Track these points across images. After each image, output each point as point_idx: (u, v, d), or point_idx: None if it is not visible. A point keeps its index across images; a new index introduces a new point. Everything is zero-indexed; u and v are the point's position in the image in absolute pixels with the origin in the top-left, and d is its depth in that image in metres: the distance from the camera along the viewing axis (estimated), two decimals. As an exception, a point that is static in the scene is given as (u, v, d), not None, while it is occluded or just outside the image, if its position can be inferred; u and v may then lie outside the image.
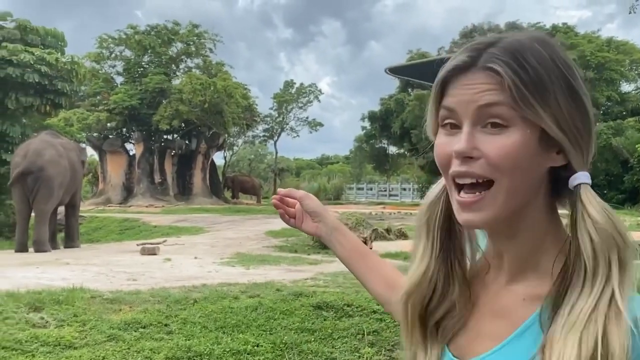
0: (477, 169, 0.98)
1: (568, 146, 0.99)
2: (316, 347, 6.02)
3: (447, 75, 1.03)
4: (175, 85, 40.37)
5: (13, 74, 20.22)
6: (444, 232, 1.12)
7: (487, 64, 0.98)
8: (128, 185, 41.82)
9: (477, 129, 0.98)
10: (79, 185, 17.51)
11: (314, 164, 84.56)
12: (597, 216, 0.95)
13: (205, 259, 12.66)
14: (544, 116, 0.97)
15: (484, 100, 0.97)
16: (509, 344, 1.03)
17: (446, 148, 1.02)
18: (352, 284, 8.83)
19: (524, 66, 0.97)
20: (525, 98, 0.96)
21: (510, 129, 0.97)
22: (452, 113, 1.01)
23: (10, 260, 12.69)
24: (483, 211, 0.99)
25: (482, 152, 0.97)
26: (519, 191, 0.99)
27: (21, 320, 6.24)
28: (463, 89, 1.00)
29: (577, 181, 1.00)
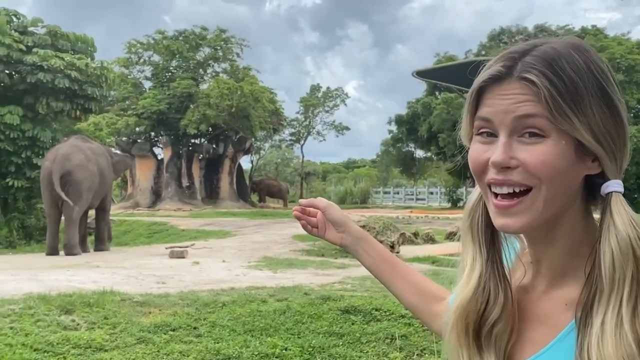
0: (516, 176, 0.98)
1: (602, 155, 0.99)
2: (344, 351, 6.01)
3: (482, 84, 1.03)
4: (202, 90, 40.61)
5: (44, 80, 20.52)
6: (488, 236, 1.12)
7: (522, 74, 0.98)
8: (156, 189, 42.14)
9: (514, 138, 0.99)
10: (108, 189, 17.68)
11: (341, 167, 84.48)
12: (621, 226, 0.96)
13: (233, 263, 12.71)
14: (579, 127, 0.97)
15: (520, 111, 0.98)
16: (552, 347, 1.03)
17: (482, 155, 1.02)
18: (379, 288, 8.80)
19: (560, 75, 0.97)
20: (561, 110, 0.96)
21: (547, 140, 0.97)
22: (488, 123, 1.02)
23: (42, 264, 12.86)
24: (521, 216, 1.00)
25: (519, 161, 0.98)
26: (557, 199, 1.00)
27: (53, 322, 6.31)
28: (499, 99, 1.00)
29: (609, 189, 1.00)
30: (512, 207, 1.00)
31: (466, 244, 1.14)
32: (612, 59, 40.91)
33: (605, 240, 0.96)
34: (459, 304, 1.11)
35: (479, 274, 1.10)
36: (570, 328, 1.01)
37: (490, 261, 1.11)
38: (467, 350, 1.12)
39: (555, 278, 1.07)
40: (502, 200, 1.00)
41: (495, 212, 1.02)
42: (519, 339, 1.09)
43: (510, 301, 1.10)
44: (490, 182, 1.01)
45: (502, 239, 1.13)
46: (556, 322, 1.04)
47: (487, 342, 1.10)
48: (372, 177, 64.03)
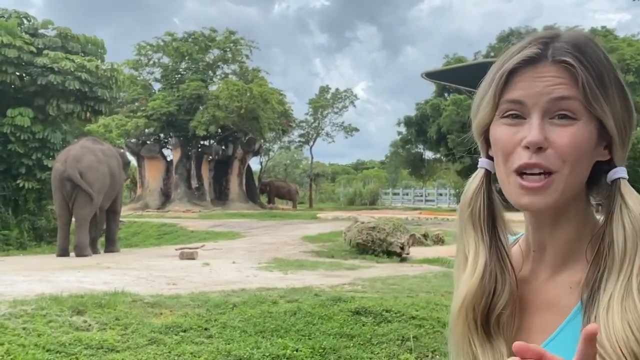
0: (545, 160, 1.01)
1: (617, 142, 1.04)
2: (355, 353, 6.01)
3: (515, 66, 1.04)
4: (212, 92, 40.69)
5: (54, 81, 20.61)
6: (490, 224, 1.12)
7: (559, 57, 1.02)
8: (165, 191, 42.24)
9: (546, 120, 1.01)
10: (119, 191, 17.73)
11: (350, 169, 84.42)
12: (633, 206, 1.01)
13: (243, 264, 12.72)
14: (607, 112, 1.02)
15: (557, 93, 1.01)
16: (561, 332, 1.04)
17: (512, 138, 1.03)
18: (390, 289, 8.80)
19: (591, 62, 1.02)
20: (594, 94, 1.00)
21: (578, 122, 1.01)
22: (519, 105, 1.03)
23: (53, 265, 12.91)
24: (546, 195, 1.02)
25: (551, 143, 1.00)
26: (575, 182, 1.04)
27: (64, 323, 6.34)
28: (534, 81, 1.03)
29: (617, 175, 1.05)
30: (540, 189, 1.01)
31: (467, 234, 1.13)
32: (622, 60, 40.72)
33: (618, 220, 1.01)
34: (467, 294, 1.11)
35: (484, 263, 1.10)
36: (577, 310, 1.03)
37: (495, 248, 1.11)
38: (478, 339, 1.12)
39: (558, 264, 1.09)
40: (531, 182, 1.02)
41: (520, 193, 1.03)
42: (524, 329, 1.09)
43: (515, 287, 1.11)
44: (522, 166, 1.02)
45: (503, 227, 1.14)
46: (563, 307, 1.05)
47: (495, 330, 1.11)
48: (381, 179, 63.92)
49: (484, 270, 1.10)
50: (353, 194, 53.69)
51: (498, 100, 1.06)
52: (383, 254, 14.40)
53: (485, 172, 1.13)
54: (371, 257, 14.25)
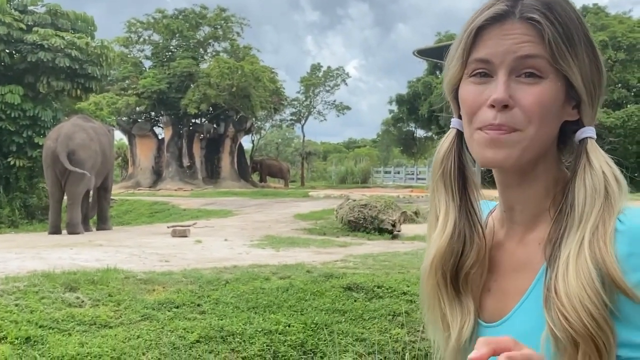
0: (510, 119, 1.00)
1: (585, 100, 1.04)
2: (347, 328, 6.06)
3: (482, 24, 1.04)
4: (203, 69, 40.49)
5: (44, 59, 20.45)
6: (460, 184, 1.13)
7: (527, 14, 1.01)
8: (157, 169, 42.18)
9: (512, 78, 1.01)
10: (110, 168, 17.71)
11: (341, 147, 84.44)
12: (596, 165, 1.01)
13: (236, 241, 12.75)
14: (574, 70, 1.01)
15: (523, 51, 1.00)
16: (534, 290, 1.05)
17: (479, 97, 1.03)
18: (381, 265, 8.85)
19: (558, 20, 1.01)
20: (562, 52, 1.00)
21: (545, 80, 1.00)
22: (486, 64, 1.03)
23: (45, 242, 12.91)
24: (509, 149, 1.02)
25: (516, 101, 1.00)
26: (540, 141, 1.03)
27: (57, 299, 6.35)
28: (500, 39, 1.02)
29: (585, 134, 1.05)
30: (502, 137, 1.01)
31: (439, 194, 1.15)
32: (613, 37, 40.70)
33: (580, 179, 1.01)
34: (437, 252, 1.13)
35: (454, 222, 1.12)
36: (544, 268, 1.03)
37: (464, 208, 1.13)
38: (447, 296, 1.14)
39: (528, 224, 1.10)
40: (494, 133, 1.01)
41: (483, 144, 1.03)
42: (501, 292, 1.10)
43: (484, 246, 1.12)
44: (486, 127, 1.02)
45: (473, 188, 1.15)
46: (534, 265, 1.07)
47: (464, 287, 1.13)
48: (372, 157, 63.96)
49: (453, 229, 1.12)
50: (345, 172, 53.69)
51: (466, 58, 1.05)
52: (374, 231, 14.46)
53: (456, 133, 1.13)
54: (363, 235, 14.31)
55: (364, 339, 5.90)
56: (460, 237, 1.11)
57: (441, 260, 1.12)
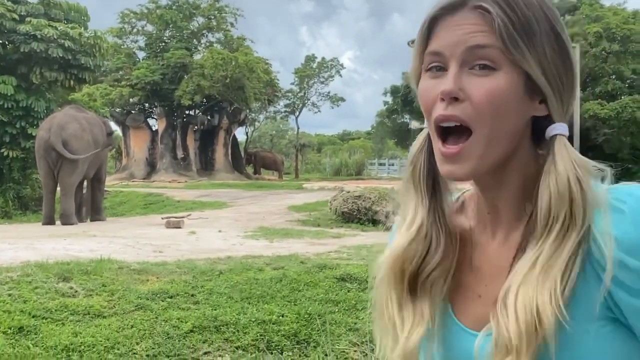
0: (460, 112, 0.97)
1: (550, 94, 0.99)
2: (340, 318, 6.08)
3: (435, 15, 1.01)
4: (196, 60, 40.35)
5: (37, 49, 20.37)
6: (430, 185, 1.10)
7: (477, 3, 0.97)
8: (151, 161, 42.09)
9: (464, 70, 0.98)
10: (103, 159, 17.68)
11: (336, 139, 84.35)
12: (561, 168, 0.96)
13: (230, 233, 12.76)
14: (530, 61, 0.97)
15: (473, 41, 0.97)
16: None
17: (432, 91, 1.00)
18: (375, 256, 8.87)
19: (513, 8, 0.96)
20: (514, 41, 0.95)
21: (498, 72, 0.96)
22: (439, 56, 1.00)
23: (39, 233, 12.89)
24: (465, 162, 0.98)
25: (467, 94, 0.97)
26: (500, 140, 0.99)
27: (51, 289, 6.36)
28: (451, 30, 0.99)
29: (554, 132, 1.00)
30: (457, 154, 0.98)
31: (408, 193, 1.12)
32: (608, 28, 40.71)
33: (545, 182, 0.97)
34: (395, 248, 1.09)
35: (420, 222, 1.09)
36: None
37: (432, 210, 1.09)
38: (397, 295, 1.10)
39: (512, 223, 1.06)
40: (449, 147, 0.99)
41: (442, 159, 1.01)
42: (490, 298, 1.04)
43: (452, 249, 1.09)
44: (438, 119, 0.99)
45: (445, 189, 1.12)
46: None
47: (422, 289, 1.09)
48: (367, 149, 63.92)
49: (419, 230, 1.08)
50: (339, 164, 53.67)
51: (422, 51, 1.03)
52: (368, 223, 14.48)
53: (428, 133, 1.09)
54: (357, 226, 14.34)
55: (356, 329, 5.92)
56: (427, 239, 1.08)
57: (402, 260, 1.09)
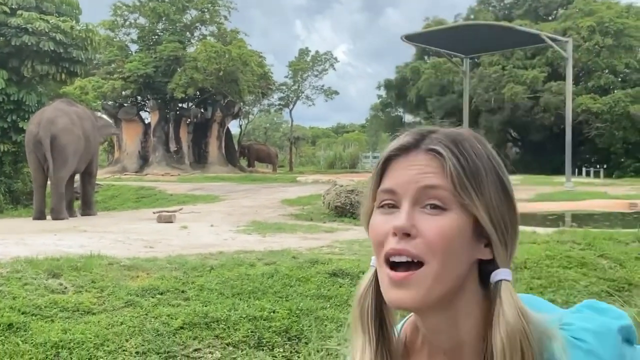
0: (412, 247, 0.99)
1: (495, 240, 1.02)
2: (332, 314, 6.06)
3: (389, 155, 1.06)
4: (190, 53, 40.22)
5: (29, 42, 20.23)
6: (377, 326, 1.10)
7: (430, 146, 1.02)
8: (144, 154, 41.98)
9: (416, 209, 1.01)
10: (94, 153, 17.58)
11: (330, 132, 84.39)
12: (510, 317, 0.98)
13: (222, 227, 12.72)
14: (479, 206, 1.00)
15: (425, 181, 1.01)
16: None
17: (383, 226, 1.03)
18: (367, 251, 8.84)
19: (463, 154, 1.01)
20: (464, 185, 0.99)
21: (449, 212, 1.00)
22: (392, 194, 1.03)
23: (29, 228, 12.83)
24: (414, 289, 1.00)
25: (419, 231, 1.00)
26: (448, 276, 1.01)
27: (40, 286, 6.31)
28: (405, 170, 1.03)
29: (498, 277, 1.03)
30: (407, 279, 1.00)
31: (356, 333, 1.12)
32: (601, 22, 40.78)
33: (497, 328, 0.99)
34: None
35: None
36: None
37: (380, 353, 1.10)
38: None
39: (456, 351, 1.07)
40: (398, 272, 1.01)
41: (389, 285, 1.02)
42: None
43: None
44: (389, 252, 1.01)
45: (392, 329, 1.12)
46: None
47: None
48: (361, 142, 63.99)
49: None
50: (333, 157, 53.75)
51: (375, 189, 1.07)
52: (361, 217, 14.45)
53: (374, 271, 1.10)
54: (349, 220, 14.30)
55: (348, 325, 5.89)
56: None
57: None
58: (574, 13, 44.09)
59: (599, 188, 24.70)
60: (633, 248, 8.48)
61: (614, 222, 14.25)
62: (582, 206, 18.20)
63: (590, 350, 0.97)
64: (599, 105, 39.38)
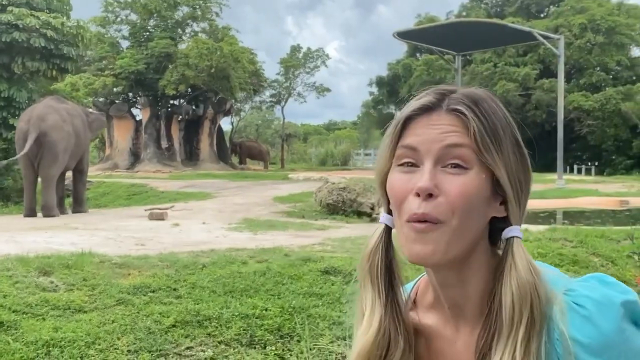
0: (434, 209, 1.01)
1: (511, 197, 1.04)
2: (324, 311, 6.04)
3: (411, 114, 1.07)
4: (181, 50, 40.08)
5: (19, 39, 20.12)
6: (387, 280, 1.12)
7: (453, 106, 1.04)
8: (135, 151, 41.83)
9: (438, 168, 1.02)
10: (85, 150, 17.50)
11: (322, 129, 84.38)
12: (522, 270, 1.01)
13: (213, 225, 12.70)
14: (499, 164, 1.02)
15: (449, 140, 1.02)
16: None
17: (406, 184, 1.04)
18: (359, 249, 8.82)
19: (484, 114, 1.03)
20: (486, 143, 1.01)
21: (470, 171, 1.02)
22: (413, 152, 1.04)
23: (20, 225, 12.77)
24: (433, 245, 1.01)
25: (441, 191, 1.01)
26: (466, 234, 1.03)
27: (31, 284, 6.27)
28: (428, 129, 1.04)
29: (511, 234, 1.05)
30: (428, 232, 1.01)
31: (365, 289, 1.14)
32: (592, 20, 40.93)
33: (507, 282, 1.01)
34: (361, 350, 1.12)
35: (379, 319, 1.11)
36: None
37: (390, 305, 1.12)
38: None
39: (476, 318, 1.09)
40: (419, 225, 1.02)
41: (411, 239, 1.03)
42: None
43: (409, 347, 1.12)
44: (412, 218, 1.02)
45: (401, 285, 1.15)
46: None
47: None
48: (353, 139, 63.97)
49: (378, 328, 1.11)
50: (325, 154, 53.68)
51: (394, 146, 1.07)
52: (353, 214, 14.47)
53: (385, 228, 1.13)
54: (341, 218, 14.31)
55: (340, 323, 5.88)
56: (385, 336, 1.11)
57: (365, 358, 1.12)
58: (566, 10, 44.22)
59: (590, 185, 24.79)
60: (625, 246, 8.50)
61: (606, 220, 14.32)
62: (573, 204, 18.27)
63: (588, 317, 0.98)
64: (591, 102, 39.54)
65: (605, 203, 18.26)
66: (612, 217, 15.38)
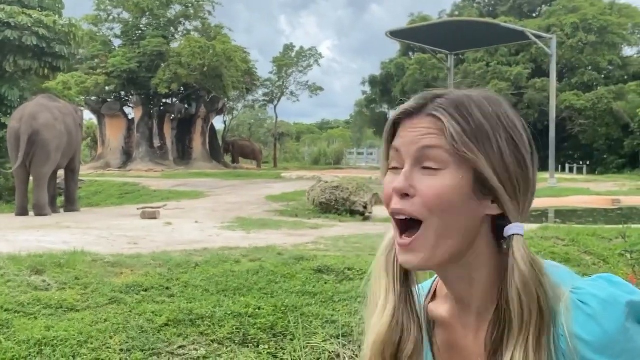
0: (409, 206, 1.06)
1: (504, 195, 1.06)
2: (317, 310, 6.04)
3: (396, 118, 1.12)
4: (173, 49, 39.98)
5: (11, 37, 20.03)
6: (402, 271, 1.16)
7: (430, 111, 1.07)
8: (127, 150, 41.72)
9: (416, 169, 1.06)
10: (77, 149, 17.43)
11: (314, 128, 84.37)
12: (524, 268, 1.03)
13: (206, 223, 12.68)
14: (484, 162, 1.04)
15: (423, 142, 1.06)
16: None
17: (389, 186, 1.09)
18: (352, 247, 8.86)
19: (465, 116, 1.06)
20: (465, 143, 1.04)
21: (443, 172, 1.05)
22: (398, 153, 1.09)
23: (11, 224, 12.71)
24: (418, 252, 1.06)
25: (417, 191, 1.05)
26: (450, 232, 1.06)
27: (23, 283, 6.25)
28: (408, 132, 1.09)
29: (510, 232, 1.07)
30: (409, 245, 1.07)
31: (380, 277, 1.17)
32: (584, 19, 41.06)
33: (512, 280, 1.04)
34: (376, 338, 1.15)
35: (393, 307, 1.14)
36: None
37: (404, 295, 1.15)
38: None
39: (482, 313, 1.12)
40: (403, 239, 1.07)
41: (399, 249, 1.09)
42: None
43: (421, 337, 1.15)
44: (391, 211, 1.09)
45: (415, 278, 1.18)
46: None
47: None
48: (345, 138, 64.02)
49: (392, 318, 1.14)
50: (318, 153, 53.68)
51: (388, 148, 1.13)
52: (346, 213, 14.48)
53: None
54: (334, 216, 14.31)
55: (334, 321, 5.88)
56: (398, 326, 1.14)
57: (381, 348, 1.15)
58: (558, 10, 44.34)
59: (582, 184, 24.88)
60: (616, 244, 8.53)
61: (598, 218, 14.37)
62: (565, 202, 18.33)
63: (592, 316, 0.99)
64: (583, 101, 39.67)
65: (597, 202, 18.33)
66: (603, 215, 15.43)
